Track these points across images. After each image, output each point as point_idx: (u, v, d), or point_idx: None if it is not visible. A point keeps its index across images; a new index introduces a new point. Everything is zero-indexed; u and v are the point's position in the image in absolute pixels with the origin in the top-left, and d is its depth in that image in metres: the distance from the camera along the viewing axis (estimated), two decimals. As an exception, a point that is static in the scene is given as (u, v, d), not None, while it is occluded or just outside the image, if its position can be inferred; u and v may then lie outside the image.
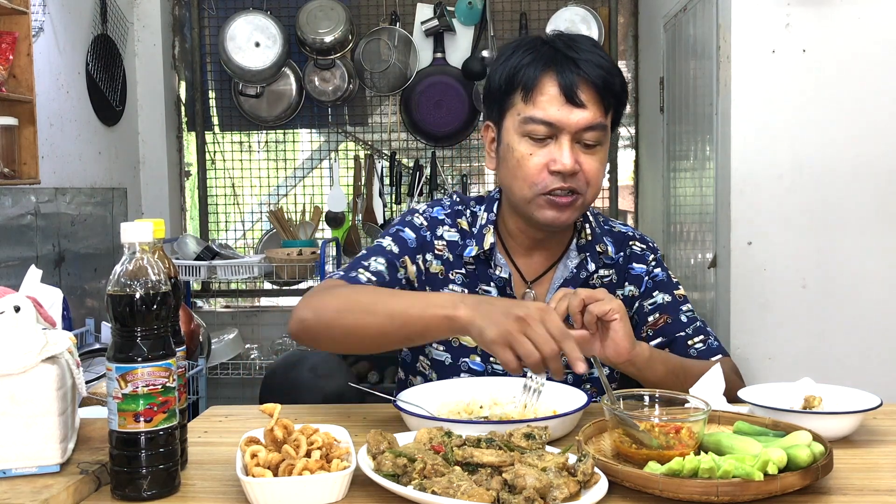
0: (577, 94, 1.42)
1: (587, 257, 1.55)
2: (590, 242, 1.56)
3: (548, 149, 1.44)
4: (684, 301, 1.60)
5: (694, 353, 1.56)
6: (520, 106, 1.45)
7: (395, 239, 1.56)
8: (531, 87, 1.44)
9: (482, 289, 1.55)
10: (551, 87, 1.43)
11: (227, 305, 4.15)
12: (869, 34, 2.40)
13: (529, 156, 1.44)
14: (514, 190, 1.49)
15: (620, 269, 1.58)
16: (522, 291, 1.56)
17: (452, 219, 1.59)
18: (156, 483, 1.01)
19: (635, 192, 4.00)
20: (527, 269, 1.58)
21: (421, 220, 1.58)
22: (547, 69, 1.43)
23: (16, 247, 2.81)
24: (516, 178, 1.47)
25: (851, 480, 1.06)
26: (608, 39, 3.79)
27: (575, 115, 1.42)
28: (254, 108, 3.91)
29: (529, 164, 1.44)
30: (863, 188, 2.43)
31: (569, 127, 1.42)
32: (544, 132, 1.43)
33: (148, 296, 0.99)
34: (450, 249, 1.56)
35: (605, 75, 1.44)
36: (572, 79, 1.42)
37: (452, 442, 1.05)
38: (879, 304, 2.44)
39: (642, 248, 1.61)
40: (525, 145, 1.45)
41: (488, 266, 1.54)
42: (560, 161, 1.42)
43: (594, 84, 1.43)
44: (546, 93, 1.43)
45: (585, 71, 1.42)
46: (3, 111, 2.57)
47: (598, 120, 1.44)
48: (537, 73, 1.43)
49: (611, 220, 1.65)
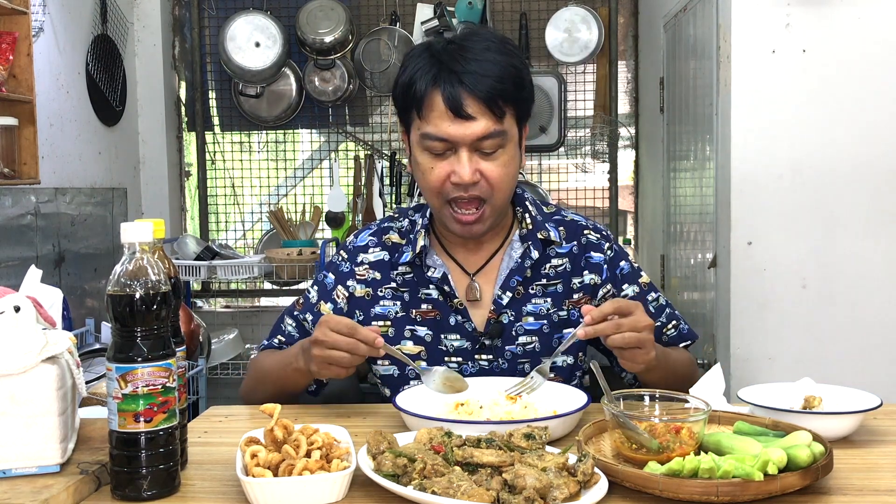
0: (464, 108, 1.42)
1: (530, 245, 1.56)
2: (531, 231, 1.58)
3: (448, 161, 1.46)
4: (650, 289, 1.62)
5: (666, 340, 1.61)
6: (417, 122, 1.48)
7: (319, 285, 1.65)
8: (422, 105, 1.45)
9: (423, 293, 1.57)
10: (439, 104, 1.44)
11: (227, 305, 4.15)
12: (869, 34, 2.40)
13: (431, 169, 1.47)
14: (425, 197, 1.54)
15: (576, 258, 1.60)
16: (466, 284, 1.58)
17: (378, 237, 1.63)
18: (156, 483, 1.01)
19: (635, 192, 4.00)
20: (469, 262, 1.59)
21: (340, 258, 1.65)
22: (433, 85, 1.44)
23: (16, 247, 2.81)
24: (424, 188, 1.52)
25: (851, 480, 1.06)
26: (608, 39, 3.79)
27: (465, 129, 1.43)
28: (254, 108, 3.91)
29: (432, 176, 1.47)
30: (863, 188, 2.43)
31: (462, 140, 1.44)
32: (441, 147, 1.45)
33: (148, 296, 0.99)
34: (375, 269, 1.60)
35: (492, 84, 1.42)
36: (457, 93, 1.42)
37: (452, 442, 1.05)
38: (879, 303, 2.44)
39: (597, 237, 1.62)
40: (426, 158, 1.48)
41: (425, 269, 1.56)
42: (458, 173, 1.44)
43: (479, 94, 1.42)
44: (435, 108, 1.44)
45: (468, 84, 1.42)
46: (3, 111, 2.57)
47: (491, 129, 1.43)
48: (426, 90, 1.45)
49: (562, 210, 1.66)
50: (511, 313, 1.55)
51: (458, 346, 1.54)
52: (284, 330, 1.64)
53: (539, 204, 1.65)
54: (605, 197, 3.95)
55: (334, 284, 1.62)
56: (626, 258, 1.64)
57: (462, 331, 1.55)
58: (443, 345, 1.54)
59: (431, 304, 1.56)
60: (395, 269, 1.59)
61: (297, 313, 1.64)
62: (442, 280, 1.55)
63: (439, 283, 1.55)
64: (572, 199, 3.99)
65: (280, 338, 1.64)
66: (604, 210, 3.94)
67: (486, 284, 1.58)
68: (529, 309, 1.55)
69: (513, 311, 1.55)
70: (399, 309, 1.57)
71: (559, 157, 3.98)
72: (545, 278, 1.57)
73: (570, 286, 1.58)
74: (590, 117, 3.90)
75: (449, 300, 1.55)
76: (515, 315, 1.55)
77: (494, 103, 1.43)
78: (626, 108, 3.96)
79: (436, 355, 1.55)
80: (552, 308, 1.56)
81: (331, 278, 1.63)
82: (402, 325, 1.56)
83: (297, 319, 1.63)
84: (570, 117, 3.89)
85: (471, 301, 1.56)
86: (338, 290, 1.62)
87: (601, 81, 3.87)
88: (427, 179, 1.48)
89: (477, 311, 1.56)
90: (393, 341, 1.56)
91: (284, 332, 1.64)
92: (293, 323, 1.64)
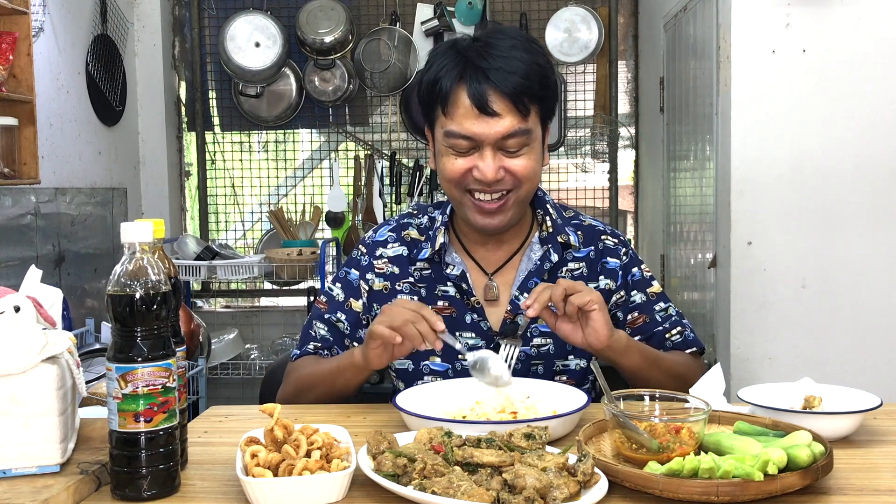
0: (489, 105, 1.42)
1: (549, 248, 1.57)
2: (551, 234, 1.58)
3: (472, 157, 1.46)
4: (658, 299, 1.62)
5: (670, 346, 1.60)
6: (441, 119, 1.48)
7: (342, 282, 1.64)
8: (447, 101, 1.45)
9: (440, 290, 1.57)
10: (465, 100, 1.43)
11: (227, 305, 4.15)
12: (869, 34, 2.40)
13: (455, 160, 1.47)
14: (447, 191, 1.54)
15: (592, 263, 1.60)
16: (484, 283, 1.58)
17: (398, 233, 1.63)
18: (156, 483, 1.01)
19: (635, 192, 4.00)
20: (487, 261, 1.60)
21: (360, 252, 1.65)
22: (459, 82, 1.44)
23: (16, 247, 2.81)
24: (445, 180, 1.52)
25: (851, 480, 1.06)
26: (608, 39, 3.79)
27: (491, 126, 1.43)
28: (254, 108, 3.91)
29: (454, 167, 1.47)
30: (863, 188, 2.43)
31: (487, 138, 1.43)
32: (466, 145, 1.45)
33: (148, 296, 0.99)
34: (394, 263, 1.60)
35: (518, 81, 1.42)
36: (482, 90, 1.41)
37: (452, 442, 1.05)
38: (879, 303, 2.44)
39: (615, 243, 1.63)
40: (451, 154, 1.48)
41: (443, 266, 1.57)
42: (482, 171, 1.45)
43: (506, 93, 1.42)
44: (461, 105, 1.44)
45: (495, 81, 1.41)
46: (3, 111, 2.57)
47: (516, 127, 1.43)
48: (451, 87, 1.44)
49: (580, 215, 1.67)
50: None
51: (473, 345, 1.54)
52: (316, 335, 1.62)
53: (559, 207, 1.66)
54: (605, 197, 3.95)
55: (358, 279, 1.62)
56: (640, 265, 1.64)
57: (477, 329, 1.55)
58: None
59: (448, 302, 1.56)
60: (414, 265, 1.59)
61: (328, 315, 1.62)
62: (460, 277, 1.55)
63: (457, 280, 1.55)
64: (572, 199, 3.99)
65: (314, 344, 1.61)
66: (604, 210, 3.94)
67: (503, 285, 1.58)
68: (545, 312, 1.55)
69: None
70: None
71: (559, 157, 3.98)
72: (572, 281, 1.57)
73: None
74: (590, 117, 3.90)
75: (466, 298, 1.55)
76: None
77: (520, 101, 1.43)
78: (626, 108, 3.96)
79: (450, 352, 1.53)
80: None
81: (354, 274, 1.62)
82: None
83: (329, 322, 1.61)
84: (570, 117, 3.89)
85: (488, 301, 1.57)
86: (360, 284, 1.61)
87: (601, 81, 3.87)
88: (448, 170, 1.48)
89: (493, 311, 1.56)
90: None
91: (318, 337, 1.61)
92: (324, 326, 1.62)
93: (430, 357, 1.55)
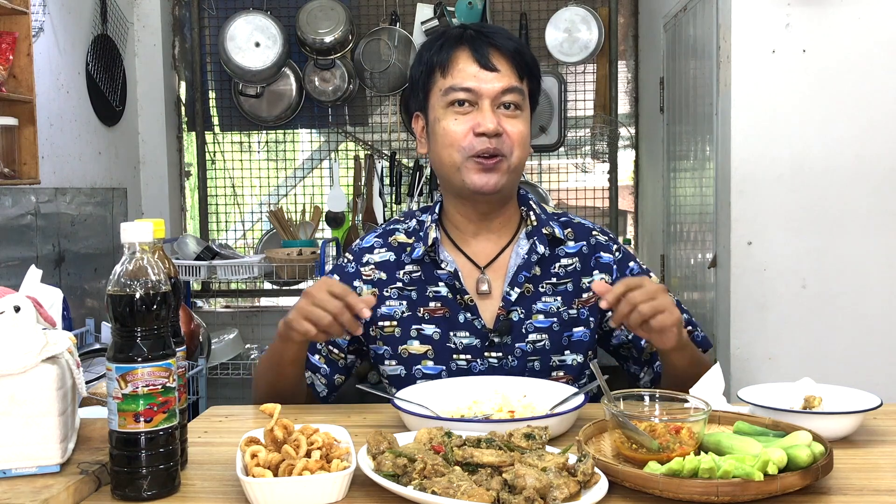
0: (490, 60, 1.52)
1: (535, 241, 1.59)
2: (536, 227, 1.61)
3: (471, 115, 1.52)
4: None
5: None
6: (440, 82, 1.55)
7: None
8: (447, 63, 1.54)
9: (431, 291, 1.57)
10: (466, 58, 1.54)
11: (227, 305, 4.15)
12: (869, 34, 2.40)
13: (455, 121, 1.53)
14: (444, 160, 1.55)
15: (585, 258, 1.62)
16: (476, 278, 1.58)
17: (384, 238, 1.65)
18: (156, 483, 1.01)
19: (635, 192, 4.00)
20: (479, 255, 1.61)
21: (346, 260, 1.66)
22: (460, 44, 1.55)
23: (16, 247, 2.81)
24: (445, 146, 1.54)
25: (851, 480, 1.06)
26: (608, 39, 3.79)
27: (491, 79, 1.52)
28: (254, 108, 3.91)
29: (456, 129, 1.52)
30: (863, 188, 2.43)
31: (487, 92, 1.51)
32: (465, 97, 1.52)
33: (148, 296, 0.99)
34: (381, 269, 1.62)
35: (516, 46, 1.55)
36: (484, 48, 1.53)
37: (452, 442, 1.05)
38: (879, 303, 2.44)
39: (606, 239, 1.66)
40: (450, 115, 1.53)
41: (436, 266, 1.57)
42: (483, 124, 1.50)
43: (505, 51, 1.53)
44: (461, 62, 1.54)
45: (495, 41, 1.54)
46: (3, 111, 2.57)
47: (513, 83, 1.53)
48: (452, 50, 1.55)
49: (569, 214, 1.70)
50: (521, 311, 1.55)
51: (468, 344, 1.54)
52: None
53: (542, 206, 1.68)
54: (605, 197, 3.95)
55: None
56: (635, 259, 1.66)
57: (471, 328, 1.55)
58: (451, 342, 1.55)
59: (440, 302, 1.56)
60: (402, 269, 1.60)
61: None
62: (452, 276, 1.55)
63: (449, 279, 1.56)
64: (572, 199, 3.99)
65: None
66: (604, 210, 3.94)
67: (495, 281, 1.59)
68: (539, 307, 1.56)
69: (523, 309, 1.56)
70: (405, 308, 1.57)
71: (559, 157, 3.98)
72: (555, 277, 1.58)
73: (580, 285, 1.59)
74: (590, 117, 3.90)
75: (459, 297, 1.56)
76: (525, 312, 1.56)
77: (517, 62, 1.54)
78: (626, 108, 3.96)
79: (444, 353, 1.55)
80: (562, 306, 1.57)
81: (336, 279, 1.63)
82: (408, 325, 1.57)
83: None
84: (570, 117, 3.89)
85: (481, 297, 1.57)
86: None
87: (601, 81, 3.87)
88: (450, 133, 1.53)
89: (486, 308, 1.57)
90: (399, 341, 1.56)
91: None
92: None
93: (423, 361, 1.55)
